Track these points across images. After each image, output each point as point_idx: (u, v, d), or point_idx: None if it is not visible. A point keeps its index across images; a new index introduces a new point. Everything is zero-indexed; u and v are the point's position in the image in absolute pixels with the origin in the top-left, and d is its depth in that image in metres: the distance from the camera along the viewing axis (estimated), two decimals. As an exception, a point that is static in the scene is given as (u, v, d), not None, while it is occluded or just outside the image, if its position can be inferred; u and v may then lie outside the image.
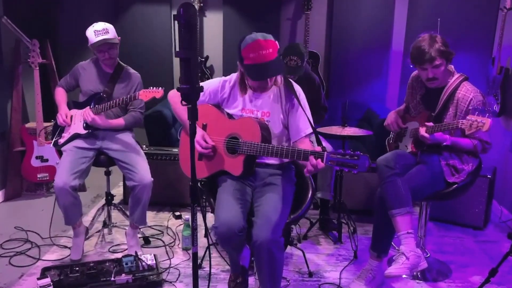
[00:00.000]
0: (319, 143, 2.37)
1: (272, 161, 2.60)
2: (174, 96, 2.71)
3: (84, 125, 3.22)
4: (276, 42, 2.40)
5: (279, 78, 2.55)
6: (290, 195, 2.57)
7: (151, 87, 3.02)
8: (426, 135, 2.70)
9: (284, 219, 2.39)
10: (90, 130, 3.21)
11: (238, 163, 2.51)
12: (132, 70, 3.36)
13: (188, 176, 1.98)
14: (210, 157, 2.60)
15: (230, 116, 2.63)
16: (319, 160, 2.17)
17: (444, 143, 2.73)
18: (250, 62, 2.37)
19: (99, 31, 3.11)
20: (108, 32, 3.13)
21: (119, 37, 3.24)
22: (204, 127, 2.62)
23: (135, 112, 3.30)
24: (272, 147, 2.38)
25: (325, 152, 2.17)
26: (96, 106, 3.19)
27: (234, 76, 2.65)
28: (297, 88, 2.58)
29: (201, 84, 2.63)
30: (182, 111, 2.61)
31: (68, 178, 2.99)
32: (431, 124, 2.72)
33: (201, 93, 2.58)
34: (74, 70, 3.36)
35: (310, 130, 2.51)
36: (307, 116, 2.51)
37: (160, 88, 3.01)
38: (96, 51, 3.20)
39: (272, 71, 2.42)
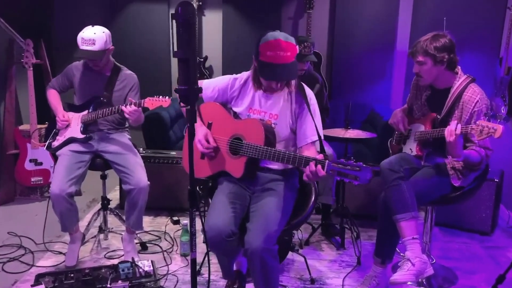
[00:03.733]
0: (322, 150, 2.37)
1: (275, 166, 2.60)
2: None
3: (82, 129, 3.23)
4: (297, 46, 2.39)
5: (293, 82, 2.55)
6: (290, 202, 2.56)
7: (158, 96, 2.95)
8: (458, 131, 2.48)
9: (280, 227, 2.39)
10: (87, 135, 3.22)
11: (240, 164, 2.51)
12: (128, 71, 3.35)
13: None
14: (212, 156, 2.62)
15: (237, 116, 2.64)
16: (319, 167, 2.17)
17: (457, 158, 2.67)
18: (265, 60, 2.36)
19: (85, 40, 3.05)
20: (94, 44, 3.05)
21: (112, 47, 3.19)
22: (209, 126, 2.63)
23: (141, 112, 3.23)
24: (274, 151, 2.37)
25: (327, 161, 2.17)
26: (96, 111, 3.18)
27: (245, 74, 2.66)
28: (309, 92, 2.58)
29: (209, 80, 2.68)
30: None
31: (64, 184, 2.99)
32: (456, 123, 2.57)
33: (210, 90, 2.64)
34: (67, 71, 3.35)
35: (317, 137, 2.51)
36: (317, 122, 2.52)
37: (167, 97, 2.94)
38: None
39: (285, 75, 2.41)
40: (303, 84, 2.60)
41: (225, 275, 2.75)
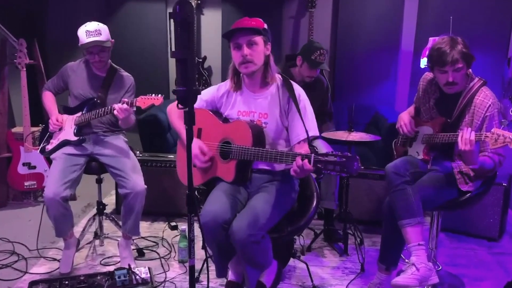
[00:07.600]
0: (310, 145, 2.42)
1: (269, 167, 2.64)
2: (172, 109, 2.82)
3: (75, 131, 3.23)
4: (265, 24, 2.52)
5: (277, 75, 2.62)
6: (287, 202, 2.60)
7: (150, 94, 2.96)
8: (473, 137, 2.46)
9: (269, 218, 2.44)
10: (81, 137, 3.22)
11: (230, 168, 2.56)
12: (125, 73, 3.36)
13: (185, 184, 2.00)
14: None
15: (226, 120, 2.69)
16: (306, 161, 2.21)
17: (473, 166, 2.63)
18: (231, 28, 2.51)
19: (91, 31, 3.10)
20: (101, 34, 3.11)
21: (113, 40, 3.23)
22: (199, 131, 2.68)
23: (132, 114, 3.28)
24: (261, 151, 2.43)
25: (312, 154, 2.20)
26: (90, 112, 3.19)
27: (229, 80, 2.72)
28: (298, 89, 2.62)
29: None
30: (178, 124, 2.72)
31: (58, 188, 3.00)
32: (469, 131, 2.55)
33: (199, 100, 2.68)
34: (62, 71, 3.36)
35: (310, 133, 2.53)
36: (308, 118, 2.54)
37: (160, 95, 2.96)
38: (86, 53, 3.19)
39: (246, 29, 2.49)
40: (292, 82, 2.63)
41: (219, 274, 2.72)
